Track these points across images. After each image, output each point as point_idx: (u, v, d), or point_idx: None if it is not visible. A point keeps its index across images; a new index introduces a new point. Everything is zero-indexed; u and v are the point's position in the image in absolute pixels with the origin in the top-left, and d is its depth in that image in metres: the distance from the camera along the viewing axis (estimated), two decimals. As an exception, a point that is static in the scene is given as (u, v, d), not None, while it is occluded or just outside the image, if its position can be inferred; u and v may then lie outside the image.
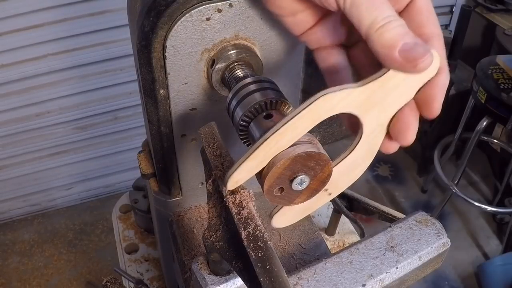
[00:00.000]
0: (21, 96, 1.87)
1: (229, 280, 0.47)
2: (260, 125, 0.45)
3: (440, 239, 0.52)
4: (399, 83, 0.38)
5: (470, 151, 1.99)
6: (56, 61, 1.83)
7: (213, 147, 0.45)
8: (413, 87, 0.39)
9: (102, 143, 2.17)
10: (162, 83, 0.55)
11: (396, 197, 2.42)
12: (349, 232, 0.97)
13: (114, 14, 1.77)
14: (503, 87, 1.76)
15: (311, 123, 0.38)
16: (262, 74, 0.56)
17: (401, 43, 0.34)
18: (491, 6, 2.28)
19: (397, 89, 0.38)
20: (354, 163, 0.44)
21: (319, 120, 0.38)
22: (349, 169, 0.44)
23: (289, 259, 0.66)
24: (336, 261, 0.49)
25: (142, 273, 1.01)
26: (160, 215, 0.74)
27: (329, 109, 0.38)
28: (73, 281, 2.07)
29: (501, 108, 1.75)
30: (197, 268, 0.49)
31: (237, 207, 0.40)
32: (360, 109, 0.39)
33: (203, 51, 0.53)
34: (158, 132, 0.60)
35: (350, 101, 0.38)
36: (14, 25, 1.69)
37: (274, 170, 0.39)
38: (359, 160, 0.44)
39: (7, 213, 2.27)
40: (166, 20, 0.49)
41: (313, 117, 0.38)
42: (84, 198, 2.38)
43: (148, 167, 0.72)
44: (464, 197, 2.01)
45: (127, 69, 1.94)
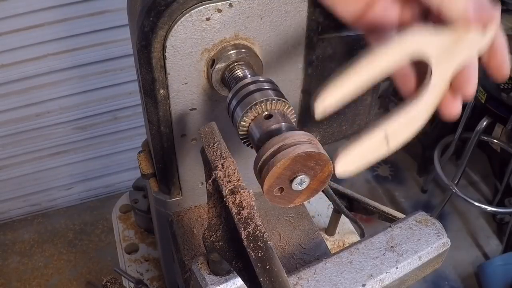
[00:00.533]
0: (21, 96, 1.87)
1: (229, 280, 0.47)
2: (260, 125, 0.45)
3: (440, 239, 0.52)
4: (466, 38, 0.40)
5: (470, 151, 1.99)
6: (56, 61, 1.82)
7: (213, 147, 0.45)
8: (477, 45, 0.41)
9: (102, 143, 2.17)
10: (162, 83, 0.55)
11: (396, 197, 2.42)
12: (349, 232, 0.97)
13: (114, 14, 1.77)
14: (503, 87, 1.76)
15: (401, 54, 0.39)
16: (262, 74, 0.56)
17: (472, 3, 0.37)
18: (491, 6, 2.28)
19: (464, 43, 0.41)
20: (415, 116, 0.44)
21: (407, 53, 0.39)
22: (410, 122, 0.44)
23: (289, 259, 0.66)
24: (336, 261, 0.49)
25: (142, 273, 1.01)
26: (160, 215, 0.74)
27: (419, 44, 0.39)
28: (73, 281, 2.07)
29: (501, 108, 1.75)
30: (197, 268, 0.49)
31: (237, 207, 0.40)
32: (438, 54, 0.41)
33: (203, 51, 0.53)
34: (158, 132, 0.60)
35: (435, 43, 0.40)
36: (14, 25, 1.68)
37: (274, 170, 0.39)
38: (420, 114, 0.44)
39: (7, 213, 2.27)
40: (166, 20, 0.49)
41: (405, 47, 0.39)
42: (84, 198, 2.37)
43: (148, 167, 0.72)
44: (464, 197, 2.01)
45: (127, 69, 1.94)
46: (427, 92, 0.43)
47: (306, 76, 0.62)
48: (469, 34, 0.40)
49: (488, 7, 0.38)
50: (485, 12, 0.38)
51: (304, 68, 0.61)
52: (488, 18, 0.38)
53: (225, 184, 0.42)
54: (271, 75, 0.58)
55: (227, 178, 0.42)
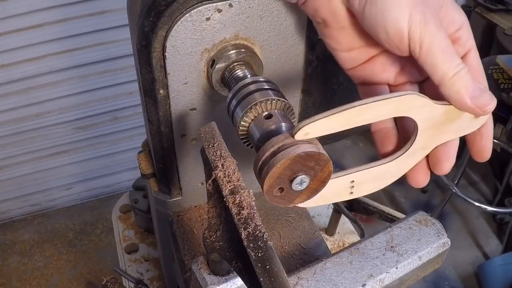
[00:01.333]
0: (21, 96, 1.87)
1: (229, 280, 0.47)
2: (260, 125, 0.45)
3: (440, 239, 0.52)
4: (458, 118, 0.42)
5: (470, 151, 1.99)
6: (56, 61, 1.82)
7: (213, 147, 0.45)
8: (467, 127, 0.43)
9: (102, 143, 2.17)
10: (162, 83, 0.55)
11: (396, 197, 2.42)
12: (349, 232, 0.97)
13: (114, 14, 1.77)
14: (503, 87, 1.76)
15: (391, 112, 0.40)
16: (262, 74, 0.56)
17: (471, 91, 0.39)
18: (491, 6, 2.28)
19: (454, 122, 0.42)
20: (386, 173, 0.45)
21: (398, 113, 0.40)
22: (379, 177, 0.45)
23: (289, 259, 0.66)
24: (336, 261, 0.49)
25: (142, 273, 1.01)
26: (160, 215, 0.74)
27: (409, 109, 0.40)
28: (73, 281, 2.07)
29: (501, 108, 1.75)
30: (197, 268, 0.49)
31: (237, 207, 0.40)
32: (424, 123, 0.42)
33: (203, 51, 0.53)
34: (158, 132, 0.60)
35: (425, 111, 0.41)
36: (14, 25, 1.68)
37: (274, 170, 0.39)
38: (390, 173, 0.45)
39: (7, 213, 2.27)
40: (166, 20, 0.49)
41: (396, 107, 0.40)
42: (84, 198, 2.37)
43: (148, 167, 0.72)
44: (464, 197, 2.01)
45: (127, 69, 1.94)
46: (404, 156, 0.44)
47: (306, 76, 0.62)
48: (462, 117, 0.42)
49: (487, 98, 0.40)
50: (482, 101, 0.40)
51: (304, 68, 0.61)
52: (484, 109, 0.40)
53: (225, 184, 0.42)
54: (271, 75, 0.58)
55: (227, 178, 0.42)
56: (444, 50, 0.39)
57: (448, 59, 0.39)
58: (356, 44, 0.45)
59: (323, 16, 0.43)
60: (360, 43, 0.45)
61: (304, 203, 0.44)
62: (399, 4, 0.38)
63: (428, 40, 0.38)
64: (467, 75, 0.39)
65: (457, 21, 0.42)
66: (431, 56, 0.39)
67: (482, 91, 0.40)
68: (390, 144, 0.47)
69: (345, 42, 0.45)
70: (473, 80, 0.40)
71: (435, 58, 0.39)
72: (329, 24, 0.44)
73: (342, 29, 0.44)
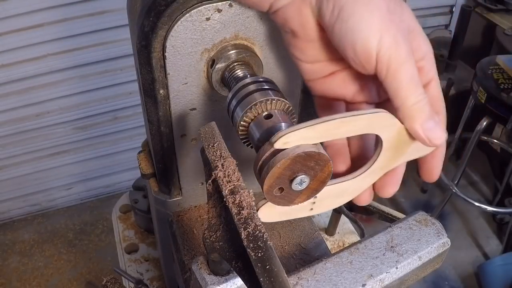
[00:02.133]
0: (21, 96, 1.87)
1: (229, 280, 0.47)
2: (260, 125, 0.45)
3: (440, 239, 0.52)
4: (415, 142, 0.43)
5: (470, 151, 1.99)
6: (56, 61, 1.82)
7: (213, 147, 0.45)
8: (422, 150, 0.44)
9: (102, 143, 2.17)
10: (162, 83, 0.55)
11: (396, 197, 2.42)
12: (349, 232, 0.97)
13: (114, 14, 1.77)
14: (503, 87, 1.76)
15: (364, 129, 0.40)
16: (262, 74, 0.56)
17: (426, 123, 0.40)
18: (491, 6, 2.28)
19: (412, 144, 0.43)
20: (347, 190, 0.46)
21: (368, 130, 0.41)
22: (340, 194, 0.46)
23: (289, 259, 0.66)
24: (336, 261, 0.49)
25: (142, 273, 1.01)
26: (160, 215, 0.74)
27: (381, 127, 0.41)
28: (73, 281, 2.07)
29: (501, 108, 1.75)
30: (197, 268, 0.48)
31: (237, 207, 0.40)
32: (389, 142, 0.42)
33: (203, 51, 0.53)
34: (158, 132, 0.60)
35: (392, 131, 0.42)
36: (14, 25, 1.69)
37: (274, 170, 0.39)
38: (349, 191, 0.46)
39: (7, 213, 2.27)
40: (166, 20, 0.49)
41: (369, 124, 0.40)
42: (84, 198, 2.37)
43: (148, 167, 0.72)
44: (464, 197, 2.01)
45: (127, 69, 1.94)
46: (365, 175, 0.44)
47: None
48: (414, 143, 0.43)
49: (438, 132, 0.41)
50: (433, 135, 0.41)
51: (304, 68, 0.61)
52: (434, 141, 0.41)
53: (225, 184, 0.42)
54: (271, 75, 0.58)
55: (227, 178, 0.42)
56: (411, 78, 0.39)
57: (413, 87, 0.39)
58: (321, 58, 0.45)
59: (292, 27, 0.43)
60: (326, 57, 0.45)
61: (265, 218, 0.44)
62: (370, 25, 0.38)
63: (396, 65, 0.38)
64: (426, 106, 0.40)
65: (422, 49, 0.42)
66: (396, 82, 0.39)
67: (436, 124, 0.41)
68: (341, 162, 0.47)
69: (311, 54, 0.45)
70: (430, 113, 0.40)
71: (400, 84, 0.39)
72: (297, 36, 0.44)
73: (310, 42, 0.44)
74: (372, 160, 0.44)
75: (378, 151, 0.43)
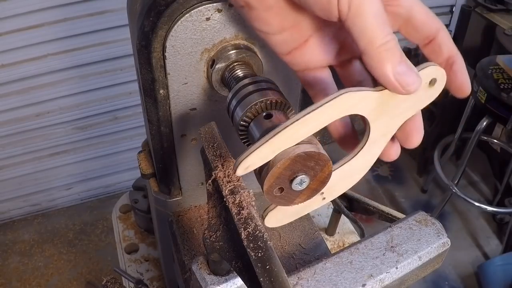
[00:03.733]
0: (21, 96, 1.87)
1: (229, 280, 0.47)
2: (260, 125, 0.45)
3: (440, 239, 0.52)
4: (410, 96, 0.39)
5: (470, 151, 1.99)
6: (56, 61, 1.83)
7: (213, 147, 0.45)
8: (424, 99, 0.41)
9: (102, 143, 2.17)
10: (162, 83, 0.55)
11: (396, 197, 2.42)
12: (349, 232, 0.97)
13: (114, 14, 1.77)
14: (503, 87, 1.76)
15: (330, 118, 0.38)
16: (262, 74, 0.56)
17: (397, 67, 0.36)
18: (491, 6, 2.28)
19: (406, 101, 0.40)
20: (352, 170, 0.44)
21: (337, 117, 0.38)
22: (346, 176, 0.45)
23: (289, 259, 0.66)
24: (336, 261, 0.49)
25: (142, 273, 1.01)
26: (160, 215, 0.74)
27: (348, 108, 0.38)
28: (73, 281, 2.07)
29: (501, 108, 1.75)
30: (197, 268, 0.48)
31: (237, 207, 0.40)
32: (372, 113, 0.40)
33: (203, 51, 0.53)
34: (158, 132, 0.60)
35: (367, 103, 0.39)
36: (14, 25, 1.69)
37: (274, 170, 0.39)
38: (357, 168, 0.44)
39: (7, 213, 2.27)
40: (166, 20, 0.49)
41: (332, 112, 0.38)
42: (84, 198, 2.38)
43: (148, 167, 0.72)
44: (464, 197, 2.01)
45: (127, 69, 1.94)
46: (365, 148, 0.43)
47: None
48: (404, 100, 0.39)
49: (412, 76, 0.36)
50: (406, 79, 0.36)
51: (304, 68, 0.61)
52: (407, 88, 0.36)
53: (225, 184, 0.42)
54: (271, 75, 0.58)
55: (227, 178, 0.42)
56: (376, 14, 0.35)
57: (379, 25, 0.35)
58: (286, 24, 0.42)
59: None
60: (291, 22, 0.42)
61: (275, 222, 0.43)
62: None
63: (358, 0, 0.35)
64: (396, 48, 0.36)
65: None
66: (359, 19, 0.35)
67: (409, 68, 0.36)
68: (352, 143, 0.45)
69: (275, 22, 0.42)
70: (401, 55, 0.36)
71: (364, 20, 0.35)
72: (253, 6, 0.40)
73: (269, 9, 0.41)
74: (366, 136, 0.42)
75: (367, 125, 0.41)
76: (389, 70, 0.36)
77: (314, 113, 0.37)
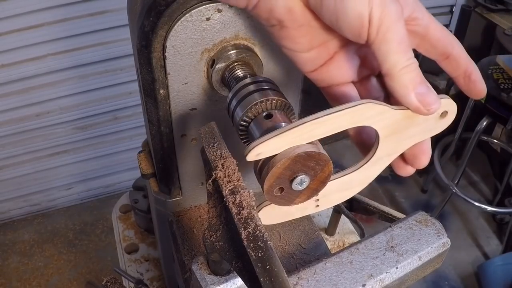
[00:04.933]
0: (21, 96, 1.87)
1: (229, 280, 0.47)
2: (260, 125, 0.45)
3: (440, 239, 0.52)
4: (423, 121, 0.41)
5: (470, 151, 1.99)
6: (56, 61, 1.83)
7: (213, 147, 0.45)
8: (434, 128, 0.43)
9: (102, 143, 2.17)
10: (162, 83, 0.55)
11: (396, 197, 2.42)
12: (349, 232, 0.97)
13: (114, 14, 1.77)
14: (503, 87, 1.76)
15: (347, 124, 0.39)
16: (262, 74, 0.56)
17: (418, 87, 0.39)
18: (491, 6, 2.28)
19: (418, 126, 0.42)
20: (351, 183, 0.45)
21: (354, 124, 0.40)
22: (344, 188, 0.45)
23: (289, 259, 0.66)
24: (336, 261, 0.49)
25: (142, 273, 1.01)
26: (160, 215, 0.74)
27: (366, 118, 0.39)
28: (73, 281, 2.07)
29: (501, 108, 1.75)
30: (197, 268, 0.48)
31: (237, 207, 0.40)
32: (385, 130, 0.41)
33: (203, 51, 0.53)
34: (158, 132, 0.60)
35: (384, 119, 0.40)
36: (14, 25, 1.69)
37: (274, 170, 0.39)
38: (356, 182, 0.45)
39: (7, 213, 2.27)
40: (166, 20, 0.49)
41: (351, 119, 0.39)
42: (84, 198, 2.38)
43: (148, 167, 0.72)
44: (464, 197, 2.01)
45: (127, 69, 1.94)
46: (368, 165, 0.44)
47: (306, 76, 0.62)
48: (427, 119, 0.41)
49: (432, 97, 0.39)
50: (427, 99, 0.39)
51: (304, 68, 0.61)
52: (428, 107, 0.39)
53: (225, 184, 0.42)
54: (271, 75, 0.58)
55: (227, 178, 0.42)
56: (401, 40, 0.38)
57: (402, 50, 0.38)
58: (315, 42, 0.44)
59: (278, 17, 0.42)
60: (319, 40, 0.44)
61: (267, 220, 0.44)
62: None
63: (387, 25, 0.38)
64: (417, 71, 0.39)
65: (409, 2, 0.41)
66: (385, 43, 0.38)
67: (429, 89, 0.39)
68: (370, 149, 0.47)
69: (304, 41, 0.44)
70: (422, 77, 0.39)
71: (389, 45, 0.38)
72: (285, 25, 0.42)
73: (299, 28, 0.42)
74: (373, 150, 0.43)
75: (377, 140, 0.42)
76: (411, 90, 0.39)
77: (334, 116, 0.38)
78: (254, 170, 0.42)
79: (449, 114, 0.42)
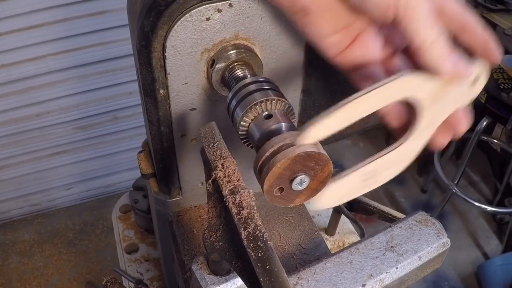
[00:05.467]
0: (21, 96, 1.87)
1: (229, 280, 0.47)
2: (260, 125, 0.45)
3: (440, 239, 0.52)
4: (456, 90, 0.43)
5: (470, 151, 1.99)
6: (56, 61, 1.82)
7: (213, 147, 0.45)
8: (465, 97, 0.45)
9: (102, 143, 2.17)
10: (162, 83, 0.55)
11: (396, 197, 2.42)
12: (349, 232, 0.97)
13: (114, 14, 1.77)
14: (503, 87, 1.76)
15: (392, 97, 0.40)
16: (262, 74, 0.56)
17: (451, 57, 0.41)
18: (491, 6, 2.28)
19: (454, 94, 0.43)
20: (399, 157, 0.45)
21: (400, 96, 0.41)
22: (393, 163, 0.45)
23: (289, 259, 0.66)
24: (336, 261, 0.49)
25: (142, 273, 1.02)
26: (160, 215, 0.74)
27: (410, 88, 0.41)
28: (73, 281, 2.07)
29: (501, 108, 1.75)
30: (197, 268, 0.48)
31: (237, 207, 0.40)
32: (429, 99, 0.42)
33: (203, 51, 0.53)
34: (158, 132, 0.60)
35: (426, 87, 0.41)
36: (14, 25, 1.68)
37: (274, 170, 0.39)
38: (403, 155, 0.45)
39: (7, 213, 2.27)
40: (166, 20, 0.49)
41: (398, 90, 0.40)
42: (84, 198, 2.37)
43: (148, 167, 0.72)
44: (464, 197, 2.01)
45: (127, 69, 1.94)
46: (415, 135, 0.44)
47: (306, 76, 0.62)
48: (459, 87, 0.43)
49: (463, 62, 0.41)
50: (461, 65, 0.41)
51: (304, 68, 0.61)
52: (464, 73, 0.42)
53: (225, 184, 0.42)
54: (271, 75, 0.58)
55: (227, 178, 0.42)
56: (428, 15, 0.40)
57: (430, 24, 0.40)
58: (339, 26, 0.44)
59: (303, 3, 0.42)
60: (343, 23, 0.44)
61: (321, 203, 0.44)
62: None
63: (414, 4, 0.39)
64: (446, 41, 0.41)
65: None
66: (415, 20, 0.39)
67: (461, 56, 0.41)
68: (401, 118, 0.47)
69: (329, 25, 0.44)
70: (452, 46, 0.41)
71: (419, 21, 0.39)
72: (310, 11, 0.43)
73: (324, 12, 0.43)
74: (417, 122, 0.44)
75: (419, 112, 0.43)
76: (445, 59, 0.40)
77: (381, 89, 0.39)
78: (254, 170, 0.42)
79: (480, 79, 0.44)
